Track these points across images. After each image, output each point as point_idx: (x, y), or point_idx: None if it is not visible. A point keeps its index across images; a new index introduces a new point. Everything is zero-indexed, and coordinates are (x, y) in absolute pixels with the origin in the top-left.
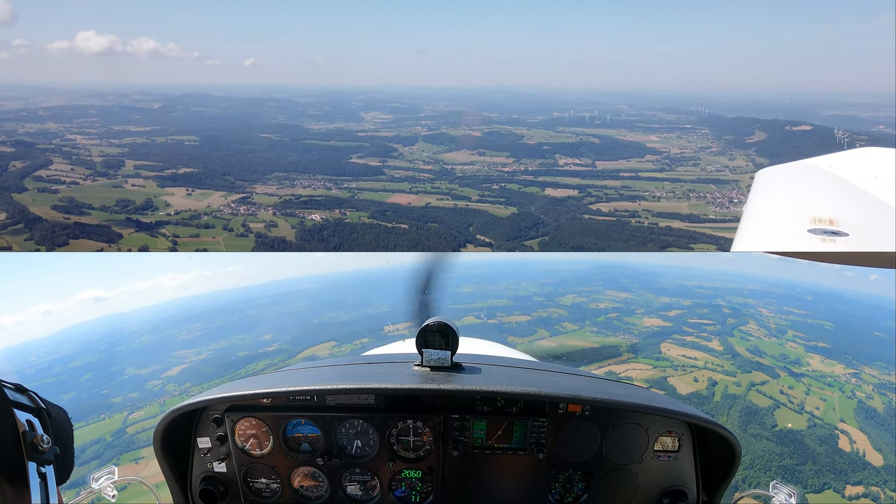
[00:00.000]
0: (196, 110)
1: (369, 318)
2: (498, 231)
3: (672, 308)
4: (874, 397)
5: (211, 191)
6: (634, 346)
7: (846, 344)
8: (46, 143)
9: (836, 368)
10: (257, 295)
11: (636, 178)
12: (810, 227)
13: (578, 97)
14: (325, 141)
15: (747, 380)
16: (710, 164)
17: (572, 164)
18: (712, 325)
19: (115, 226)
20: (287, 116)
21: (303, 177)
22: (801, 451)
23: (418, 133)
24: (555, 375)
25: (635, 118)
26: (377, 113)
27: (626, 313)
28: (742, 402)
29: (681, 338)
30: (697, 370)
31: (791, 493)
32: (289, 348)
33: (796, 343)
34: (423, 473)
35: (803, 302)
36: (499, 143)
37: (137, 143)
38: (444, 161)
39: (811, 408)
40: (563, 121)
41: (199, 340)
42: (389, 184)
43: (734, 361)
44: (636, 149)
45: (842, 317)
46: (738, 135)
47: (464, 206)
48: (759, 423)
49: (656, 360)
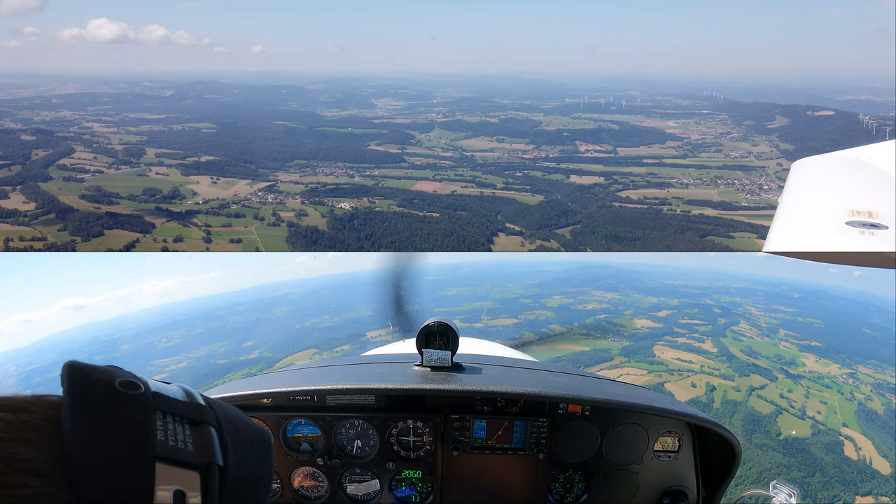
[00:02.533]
0: (208, 97)
1: (353, 323)
2: (527, 219)
3: (661, 308)
4: (873, 398)
5: (235, 179)
6: (626, 349)
7: (838, 342)
8: (64, 130)
9: (831, 369)
10: (241, 300)
11: (660, 164)
12: (848, 220)
13: (589, 83)
14: (342, 128)
15: (746, 384)
16: (734, 150)
17: (593, 150)
18: (704, 326)
19: (147, 215)
20: (299, 103)
21: (324, 164)
22: (808, 462)
23: (434, 120)
24: (555, 375)
25: (650, 104)
26: (388, 100)
27: (615, 314)
28: (743, 408)
29: (673, 339)
30: (694, 374)
31: (791, 492)
32: (270, 356)
33: (789, 343)
34: (423, 473)
35: (791, 300)
36: (516, 130)
37: (155, 131)
38: (464, 148)
39: (812, 412)
40: (578, 107)
41: (179, 348)
42: (412, 171)
43: (730, 364)
44: (656, 135)
45: (830, 314)
46: (759, 120)
47: (490, 194)
48: (763, 432)
49: (650, 364)
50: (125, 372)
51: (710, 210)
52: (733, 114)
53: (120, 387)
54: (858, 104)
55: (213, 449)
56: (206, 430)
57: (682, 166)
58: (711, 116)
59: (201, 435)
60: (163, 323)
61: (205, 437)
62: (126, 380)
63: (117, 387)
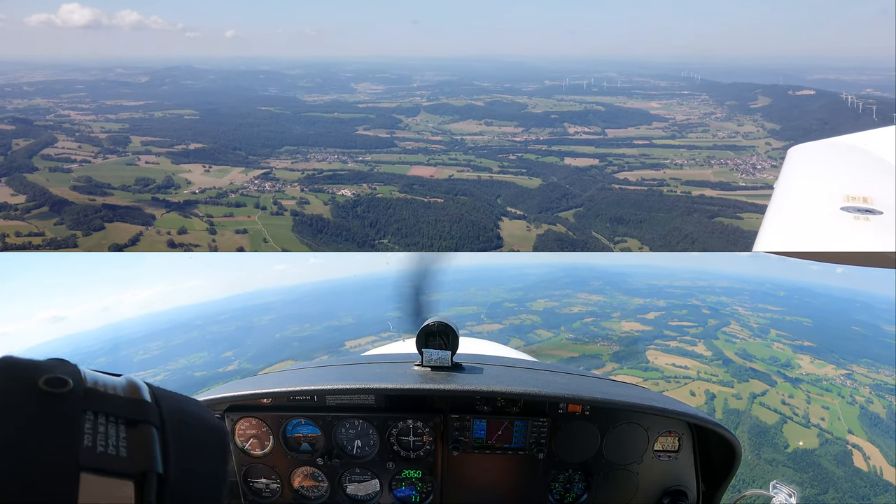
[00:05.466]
0: (185, 83)
1: (333, 331)
2: (528, 203)
3: (648, 310)
4: (874, 401)
5: (228, 167)
6: (617, 354)
7: (830, 341)
8: (41, 119)
9: (827, 370)
10: (222, 308)
11: (651, 145)
12: (843, 205)
13: (566, 66)
14: (328, 113)
15: (746, 390)
16: (720, 130)
17: (582, 132)
18: (694, 328)
19: (145, 206)
20: (279, 88)
21: (314, 150)
22: (821, 477)
23: (419, 104)
24: (555, 375)
25: (630, 85)
26: (368, 84)
27: (602, 317)
28: (748, 418)
29: (664, 343)
30: (692, 381)
31: (791, 492)
32: (249, 367)
33: (782, 343)
34: (423, 473)
35: (777, 298)
36: (503, 113)
37: (135, 118)
38: (453, 132)
39: (816, 419)
40: (560, 89)
41: (156, 360)
42: (404, 156)
43: (727, 369)
44: (642, 116)
45: (817, 312)
46: (741, 100)
47: (487, 178)
48: (771, 446)
49: (644, 371)
50: (64, 365)
51: (709, 191)
52: (714, 94)
53: (45, 385)
54: (829, 83)
55: (152, 453)
56: (145, 430)
57: (672, 147)
58: (693, 97)
59: (139, 437)
60: (141, 334)
61: (143, 440)
62: (53, 376)
63: (41, 385)
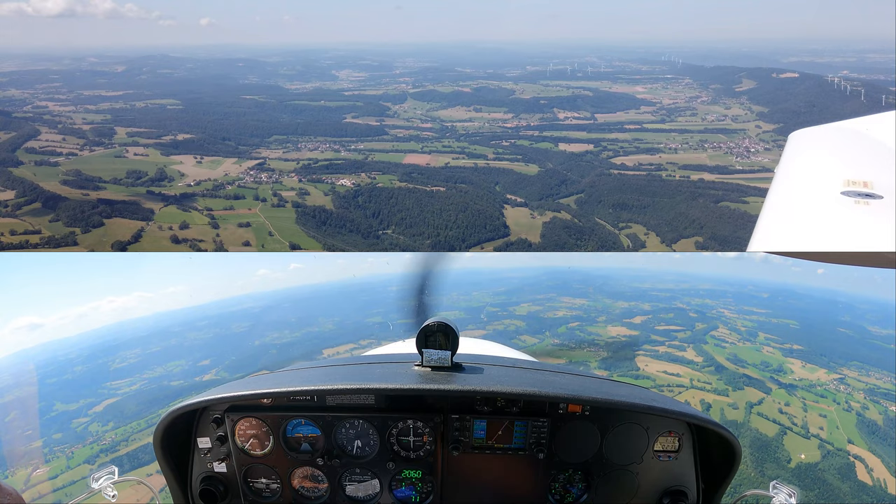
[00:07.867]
0: (163, 73)
1: (312, 338)
2: (528, 190)
3: (634, 314)
4: (869, 407)
5: (220, 158)
6: (606, 360)
7: (818, 344)
8: (19, 110)
9: (819, 374)
10: (201, 315)
11: (642, 130)
12: (843, 190)
13: (545, 50)
14: (314, 101)
15: (742, 399)
16: (708, 113)
17: (572, 117)
18: (682, 332)
19: (142, 201)
20: (259, 77)
21: (304, 139)
22: (827, 493)
23: (405, 91)
24: (555, 375)
25: (612, 70)
26: (349, 71)
27: (588, 322)
28: (747, 431)
29: (653, 349)
30: (686, 390)
31: (791, 493)
32: (226, 376)
33: (771, 347)
34: (423, 473)
35: (760, 300)
36: (491, 99)
37: (117, 109)
38: (442, 119)
39: (815, 429)
40: (544, 74)
41: (133, 369)
42: (397, 144)
43: (720, 376)
44: (629, 100)
45: (802, 314)
46: (725, 83)
47: (484, 165)
48: (773, 461)
49: (635, 380)
50: None
51: (707, 175)
52: (697, 78)
53: None
54: (805, 65)
55: None
56: None
57: (664, 131)
58: (676, 81)
59: None
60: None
61: None
62: None
63: None
